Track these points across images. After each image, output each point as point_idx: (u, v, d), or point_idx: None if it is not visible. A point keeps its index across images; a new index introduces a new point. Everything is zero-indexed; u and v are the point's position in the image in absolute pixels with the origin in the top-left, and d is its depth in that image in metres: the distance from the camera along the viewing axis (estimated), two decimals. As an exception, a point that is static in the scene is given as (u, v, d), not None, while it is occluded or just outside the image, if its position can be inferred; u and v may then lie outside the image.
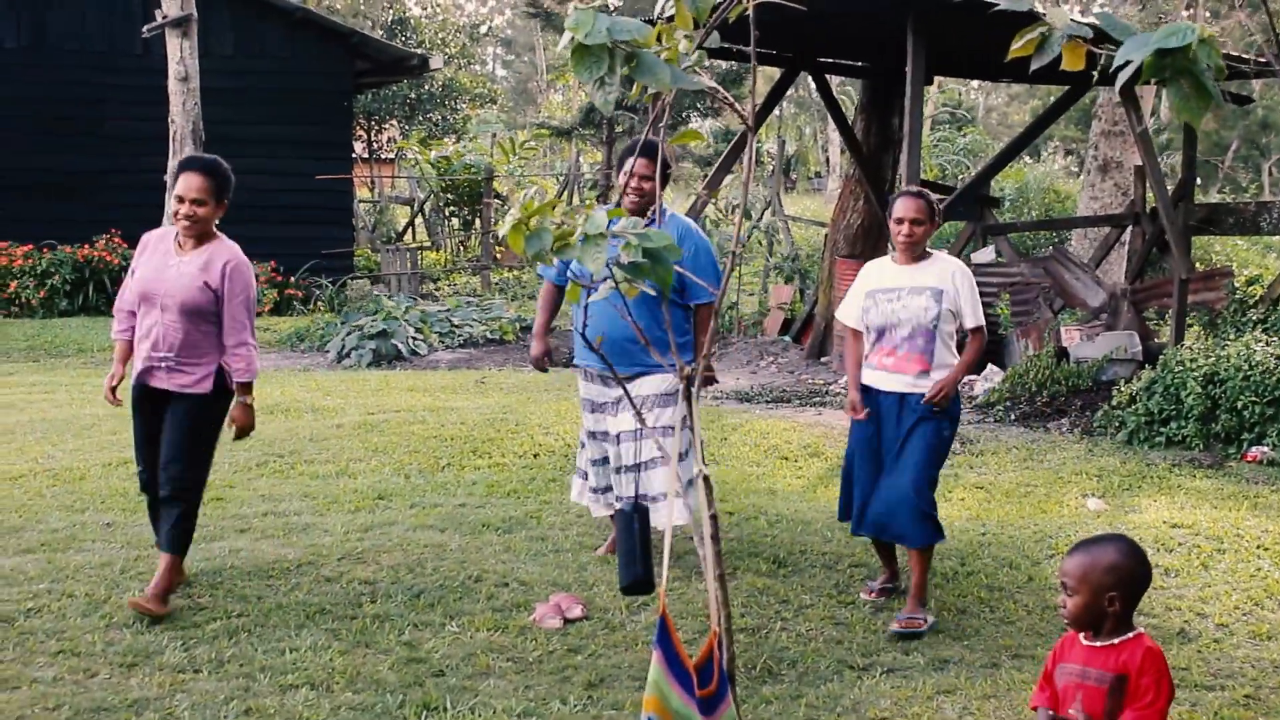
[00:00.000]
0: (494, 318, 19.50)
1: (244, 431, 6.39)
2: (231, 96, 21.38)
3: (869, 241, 16.50)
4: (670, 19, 3.46)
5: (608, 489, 7.25)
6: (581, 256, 3.32)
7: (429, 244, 30.62)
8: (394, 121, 38.66)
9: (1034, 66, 3.12)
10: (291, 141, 22.93)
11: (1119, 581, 3.76)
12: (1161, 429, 11.06)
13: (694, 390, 3.91)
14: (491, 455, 10.06)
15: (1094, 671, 3.78)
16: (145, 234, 6.50)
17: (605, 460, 7.22)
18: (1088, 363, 12.99)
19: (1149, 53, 2.68)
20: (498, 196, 29.27)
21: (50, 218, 21.47)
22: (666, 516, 5.19)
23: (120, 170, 21.81)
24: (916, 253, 6.62)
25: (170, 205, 6.26)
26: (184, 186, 6.15)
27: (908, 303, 6.54)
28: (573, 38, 3.25)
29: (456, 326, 18.77)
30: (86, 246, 20.91)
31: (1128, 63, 2.79)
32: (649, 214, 6.59)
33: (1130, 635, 3.78)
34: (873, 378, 6.68)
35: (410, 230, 31.63)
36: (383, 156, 39.27)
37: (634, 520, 5.19)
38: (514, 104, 58.79)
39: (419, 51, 29.08)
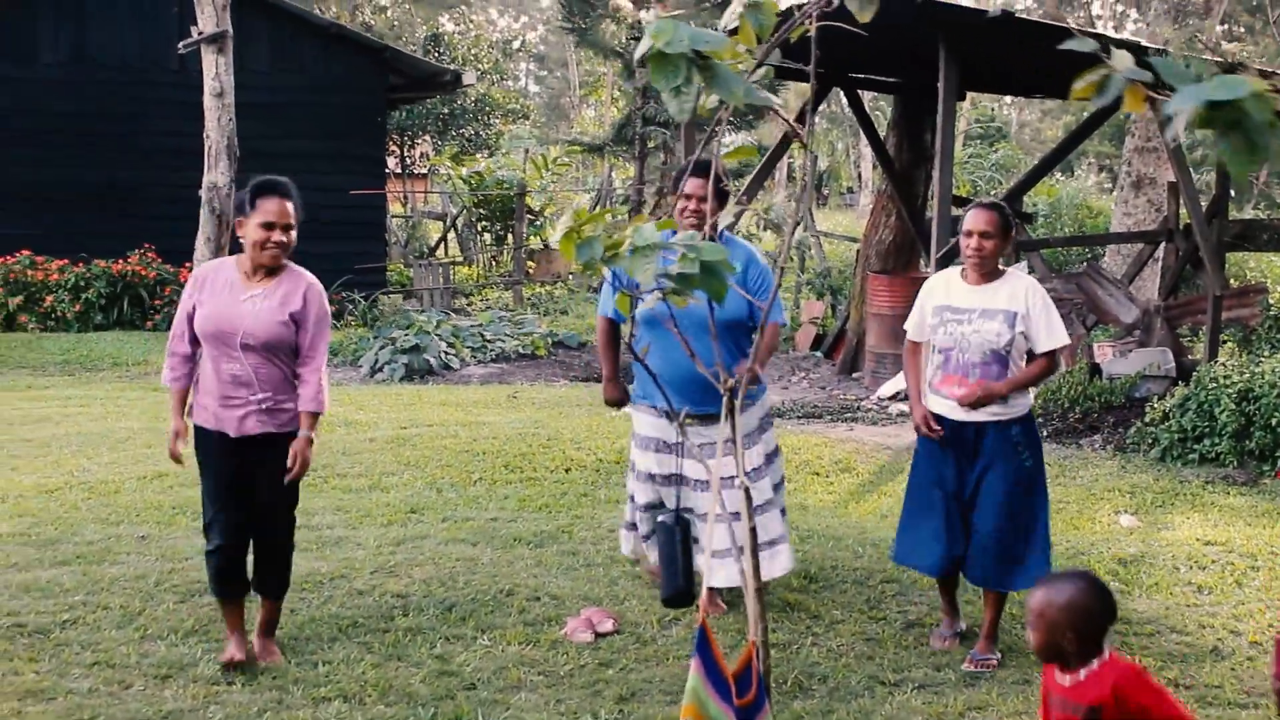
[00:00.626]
0: (526, 333, 19.54)
1: (303, 470, 5.90)
2: (266, 112, 21.54)
3: (901, 258, 16.49)
4: (733, 32, 3.47)
5: None
6: (630, 268, 3.32)
7: (461, 259, 30.70)
8: (427, 137, 38.80)
9: (1092, 109, 3.10)
10: (325, 156, 23.03)
11: (1074, 620, 3.76)
12: (1195, 446, 11.01)
13: (737, 404, 3.90)
14: (523, 470, 10.08)
15: (1070, 703, 3.80)
16: (198, 269, 5.97)
17: (659, 504, 6.71)
18: (1121, 379, 12.95)
19: (1199, 104, 2.66)
20: (530, 212, 29.36)
21: (86, 232, 21.61)
22: (709, 549, 5.19)
23: (155, 184, 21.96)
24: (987, 269, 6.20)
25: (253, 232, 5.72)
26: (273, 212, 5.69)
27: (979, 327, 6.12)
28: (652, 45, 3.24)
29: (489, 341, 18.81)
30: (121, 260, 21.04)
31: (1177, 112, 2.77)
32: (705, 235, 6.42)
33: (1095, 666, 3.78)
34: (943, 406, 6.25)
35: (443, 245, 31.72)
36: (415, 172, 39.39)
37: (675, 532, 5.12)
38: (546, 119, 58.93)
39: (452, 67, 29.20)
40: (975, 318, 6.14)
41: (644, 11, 25.55)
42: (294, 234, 5.83)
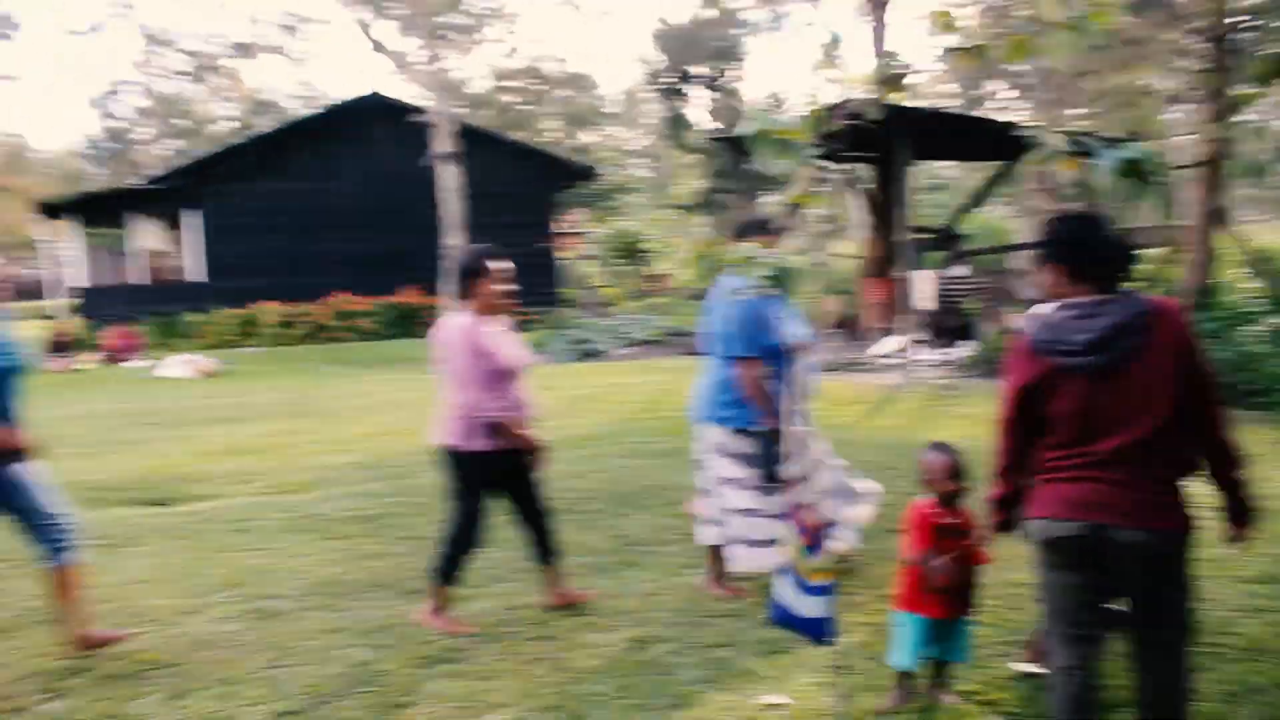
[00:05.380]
0: (649, 327, 19.69)
1: None
2: (482, 200, 21.83)
3: (884, 267, 16.34)
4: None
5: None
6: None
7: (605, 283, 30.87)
8: (580, 208, 39.02)
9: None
10: (518, 226, 23.33)
11: (962, 473, 3.45)
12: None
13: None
14: (657, 411, 10.18)
15: (961, 529, 3.45)
16: None
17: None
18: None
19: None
20: (644, 251, 29.42)
21: (378, 279, 22.17)
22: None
23: (416, 249, 22.41)
24: None
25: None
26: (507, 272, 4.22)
27: None
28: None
29: (626, 333, 18.97)
30: (396, 295, 21.55)
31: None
32: None
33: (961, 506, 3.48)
34: None
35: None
36: (574, 230, 39.61)
37: None
38: (655, 191, 58.60)
39: (591, 165, 29.41)
40: None
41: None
42: None
